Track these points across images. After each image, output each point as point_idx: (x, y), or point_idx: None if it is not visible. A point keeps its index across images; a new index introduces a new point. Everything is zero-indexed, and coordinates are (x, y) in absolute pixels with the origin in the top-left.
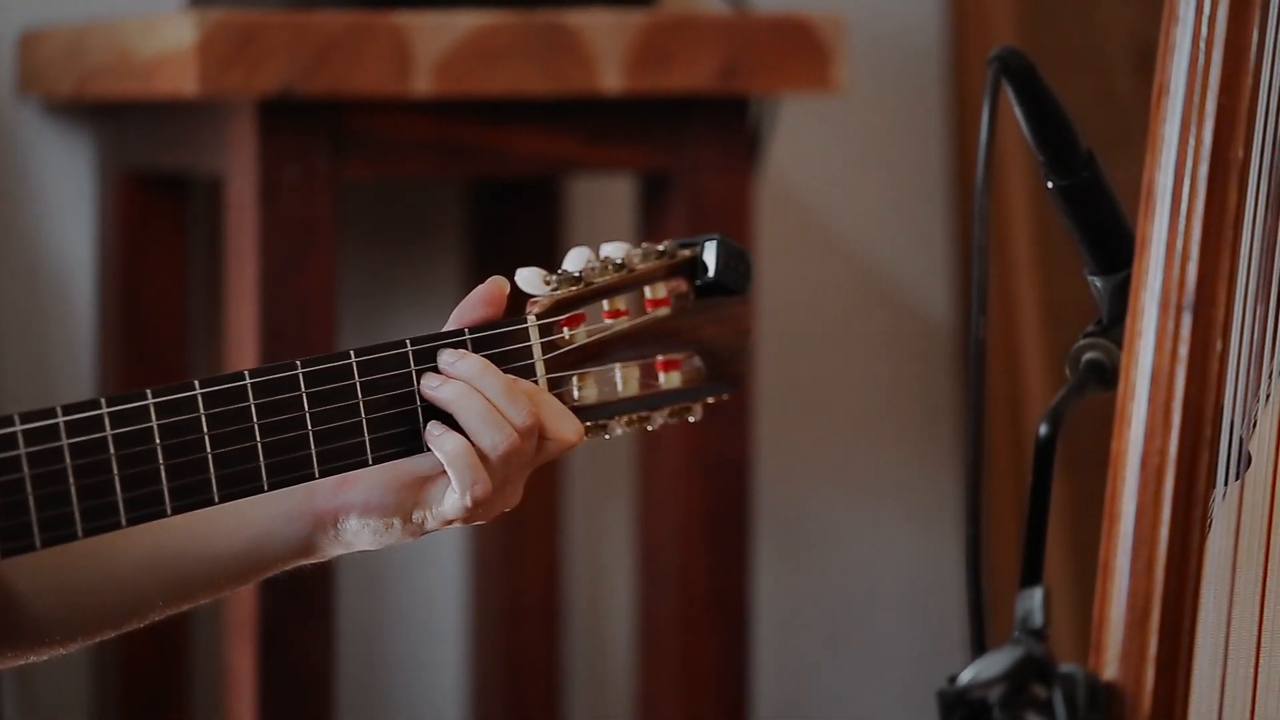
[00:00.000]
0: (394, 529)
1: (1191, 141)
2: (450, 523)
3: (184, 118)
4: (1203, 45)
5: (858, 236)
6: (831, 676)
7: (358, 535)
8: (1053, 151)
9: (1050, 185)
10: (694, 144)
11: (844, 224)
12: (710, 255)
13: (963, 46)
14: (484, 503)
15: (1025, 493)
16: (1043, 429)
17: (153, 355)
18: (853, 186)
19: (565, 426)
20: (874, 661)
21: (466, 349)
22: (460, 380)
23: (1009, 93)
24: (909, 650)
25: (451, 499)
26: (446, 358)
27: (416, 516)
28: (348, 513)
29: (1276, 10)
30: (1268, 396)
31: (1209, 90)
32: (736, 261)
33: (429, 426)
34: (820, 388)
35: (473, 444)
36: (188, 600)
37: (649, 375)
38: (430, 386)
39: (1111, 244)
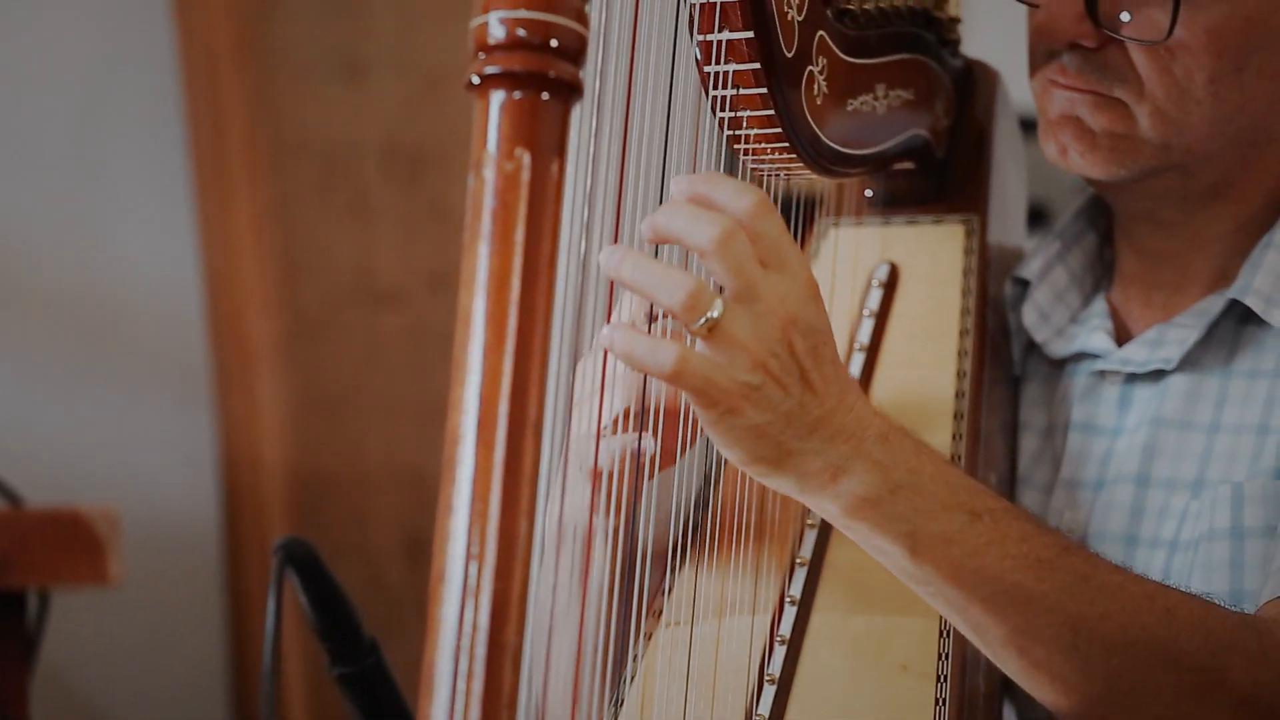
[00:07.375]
0: None
1: (468, 626)
2: None
3: None
4: (477, 534)
5: None
6: None
7: None
8: (338, 640)
9: (335, 673)
10: None
11: (125, 713)
12: None
13: (237, 535)
14: None
15: None
16: None
17: None
18: (133, 675)
19: None
20: None
21: None
22: None
23: (294, 581)
24: None
25: None
26: None
27: None
28: None
29: (544, 496)
30: None
31: (484, 576)
32: None
33: None
34: None
35: None
36: None
37: None
38: None
39: None
